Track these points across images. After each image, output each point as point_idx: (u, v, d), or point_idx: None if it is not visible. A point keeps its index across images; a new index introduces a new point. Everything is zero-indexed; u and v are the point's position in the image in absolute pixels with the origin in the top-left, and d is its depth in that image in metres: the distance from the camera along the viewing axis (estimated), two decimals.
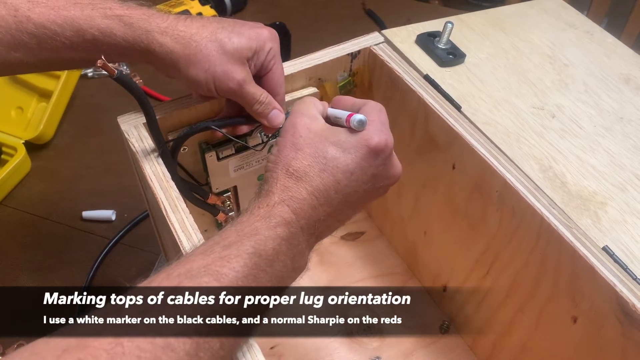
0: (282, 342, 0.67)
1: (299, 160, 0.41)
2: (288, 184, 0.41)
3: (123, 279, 0.75)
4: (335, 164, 0.41)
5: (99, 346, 0.31)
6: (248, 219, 0.40)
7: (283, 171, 0.41)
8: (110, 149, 0.90)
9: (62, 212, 0.82)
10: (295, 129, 0.43)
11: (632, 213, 0.49)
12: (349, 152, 0.42)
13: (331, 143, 0.42)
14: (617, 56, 0.66)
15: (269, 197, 0.41)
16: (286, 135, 0.43)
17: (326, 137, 0.42)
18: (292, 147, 0.42)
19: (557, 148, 0.54)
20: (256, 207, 0.40)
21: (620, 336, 0.44)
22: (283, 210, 0.40)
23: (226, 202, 0.61)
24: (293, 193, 0.41)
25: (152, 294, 0.34)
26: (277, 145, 0.43)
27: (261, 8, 1.20)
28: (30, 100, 0.92)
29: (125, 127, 0.52)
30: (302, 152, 0.42)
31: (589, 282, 0.45)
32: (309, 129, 0.43)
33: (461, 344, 0.67)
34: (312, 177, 0.41)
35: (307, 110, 0.45)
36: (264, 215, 0.39)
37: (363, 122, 0.42)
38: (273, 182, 0.41)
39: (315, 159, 0.41)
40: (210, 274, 0.35)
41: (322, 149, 0.42)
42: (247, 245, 0.37)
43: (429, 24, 0.66)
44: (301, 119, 0.43)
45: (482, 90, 0.59)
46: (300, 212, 0.40)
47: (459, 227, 0.60)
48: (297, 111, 0.45)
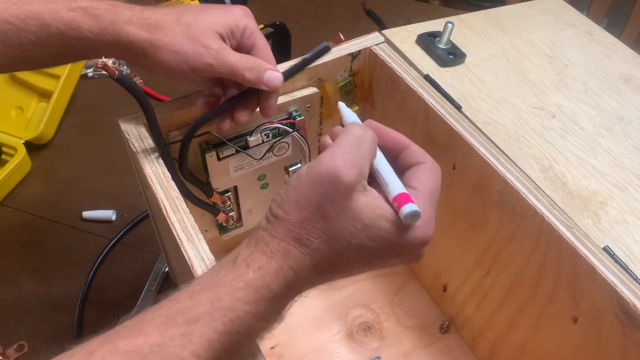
0: (282, 342, 0.67)
1: (318, 231, 0.33)
2: (293, 250, 0.33)
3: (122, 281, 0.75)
4: (359, 252, 0.34)
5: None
6: (231, 282, 0.32)
7: (294, 234, 0.33)
8: (110, 149, 0.90)
9: (62, 212, 0.82)
10: (334, 188, 0.33)
11: (632, 213, 0.49)
12: (381, 244, 0.33)
13: (365, 226, 0.33)
14: (617, 56, 0.66)
15: (266, 259, 0.33)
16: (317, 188, 0.33)
17: (361, 215, 0.33)
18: (317, 210, 0.33)
19: (558, 148, 0.54)
20: (244, 266, 0.33)
21: (621, 336, 0.44)
22: (275, 283, 0.33)
23: (227, 202, 0.61)
24: (294, 262, 0.33)
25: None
26: (298, 191, 0.34)
27: (261, 8, 1.20)
28: (30, 100, 0.92)
29: (126, 127, 0.52)
30: (326, 223, 0.33)
31: (589, 282, 0.45)
32: (349, 196, 0.33)
33: (461, 344, 0.67)
34: (326, 255, 0.33)
35: (361, 161, 0.34)
36: (250, 283, 0.32)
37: (416, 217, 0.33)
38: (276, 238, 0.33)
39: (338, 239, 0.33)
40: (164, 356, 0.29)
41: (352, 232, 0.33)
42: (219, 322, 0.31)
43: (429, 24, 0.66)
44: (349, 176, 0.33)
45: (482, 90, 0.59)
46: (295, 284, 0.34)
47: (460, 227, 0.60)
48: (347, 155, 0.34)
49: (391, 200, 0.34)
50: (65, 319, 0.70)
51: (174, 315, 0.31)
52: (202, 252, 0.44)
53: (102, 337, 0.31)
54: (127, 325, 0.31)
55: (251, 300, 0.32)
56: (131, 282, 0.74)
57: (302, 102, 0.59)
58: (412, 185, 0.36)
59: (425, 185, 0.36)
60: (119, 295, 0.73)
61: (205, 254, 0.43)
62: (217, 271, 0.34)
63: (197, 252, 0.43)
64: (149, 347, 0.29)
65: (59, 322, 0.70)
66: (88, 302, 0.72)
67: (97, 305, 0.72)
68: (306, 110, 0.60)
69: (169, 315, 0.31)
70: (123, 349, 0.29)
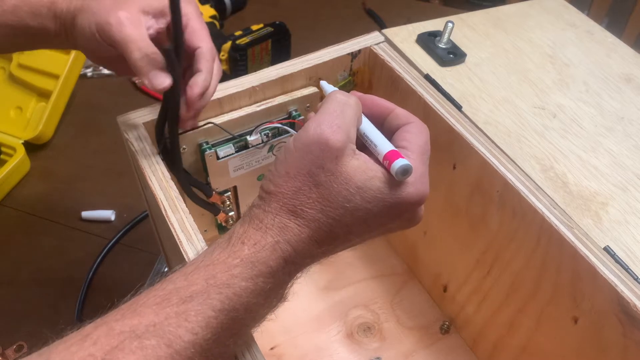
0: (282, 342, 0.66)
1: (312, 200, 0.33)
2: (289, 223, 0.33)
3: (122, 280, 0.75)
4: (355, 215, 0.33)
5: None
6: (226, 259, 0.32)
7: (288, 206, 0.33)
8: (110, 149, 0.90)
9: (61, 212, 0.82)
10: (322, 153, 0.32)
11: (633, 213, 0.49)
12: (376, 204, 0.33)
13: (358, 188, 0.33)
14: (618, 56, 0.66)
15: (261, 234, 0.33)
16: (306, 155, 0.33)
17: (354, 178, 0.33)
18: (308, 178, 0.33)
19: (558, 148, 0.54)
20: (239, 243, 0.32)
21: (621, 336, 0.44)
22: (272, 257, 0.32)
23: (226, 202, 0.61)
24: (292, 236, 0.33)
25: (81, 357, 0.28)
26: (288, 161, 0.34)
27: (261, 8, 1.20)
28: (29, 100, 0.92)
29: (125, 127, 0.51)
30: (319, 190, 0.33)
31: (590, 283, 0.45)
32: (338, 159, 0.33)
33: (462, 345, 0.67)
34: (323, 224, 0.33)
35: (347, 124, 0.34)
36: (246, 259, 0.32)
37: (408, 171, 0.33)
38: (270, 213, 0.33)
39: (333, 205, 0.33)
40: (160, 336, 0.29)
41: (346, 196, 0.33)
42: (215, 299, 0.30)
43: (429, 23, 0.66)
44: (336, 139, 0.33)
45: (482, 89, 0.59)
46: (293, 259, 0.33)
47: (460, 227, 0.59)
48: (333, 119, 0.33)
49: (382, 160, 0.34)
50: (64, 319, 0.70)
51: (169, 295, 0.31)
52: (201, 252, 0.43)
53: (97, 320, 0.30)
54: (121, 307, 0.31)
55: (248, 276, 0.31)
56: (130, 282, 0.74)
57: (302, 101, 0.59)
58: (402, 145, 0.36)
59: (414, 143, 0.36)
60: (118, 295, 0.73)
61: None
62: (211, 251, 0.33)
63: (196, 252, 0.43)
64: (144, 327, 0.29)
65: (59, 323, 0.70)
66: (88, 302, 0.72)
67: (96, 305, 0.72)
68: (306, 110, 0.60)
69: (163, 296, 0.31)
70: (118, 330, 0.29)
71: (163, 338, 0.29)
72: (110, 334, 0.29)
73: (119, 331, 0.29)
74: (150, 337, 0.29)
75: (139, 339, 0.29)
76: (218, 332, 0.31)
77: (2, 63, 0.93)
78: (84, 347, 0.28)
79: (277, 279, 0.33)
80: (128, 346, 0.28)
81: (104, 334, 0.29)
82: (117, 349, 0.28)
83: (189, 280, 0.31)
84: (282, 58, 0.54)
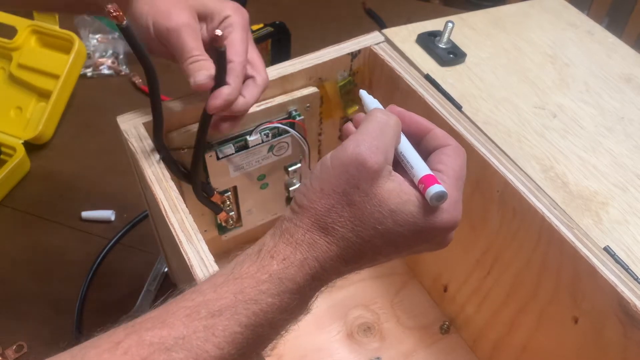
0: (282, 342, 0.66)
1: (344, 219, 0.33)
2: (319, 240, 0.33)
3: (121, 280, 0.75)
4: (385, 238, 0.33)
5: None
6: (255, 274, 0.32)
7: (319, 224, 0.33)
8: (110, 149, 0.90)
9: (61, 212, 0.82)
10: (359, 173, 0.32)
11: (633, 213, 0.49)
12: (407, 228, 0.33)
13: (391, 211, 0.33)
14: (618, 56, 0.66)
15: (291, 250, 0.33)
16: (342, 174, 0.33)
17: (388, 200, 0.33)
18: (342, 197, 0.33)
19: (559, 148, 0.54)
20: (269, 257, 0.33)
21: (622, 336, 0.44)
22: (300, 274, 0.32)
23: (226, 202, 0.61)
24: (320, 253, 0.33)
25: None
26: (323, 178, 0.33)
27: (261, 8, 1.20)
28: (29, 100, 0.91)
29: (125, 127, 0.51)
30: (351, 210, 0.33)
31: (590, 283, 0.45)
32: (374, 180, 0.33)
33: (462, 345, 0.67)
34: (352, 243, 0.33)
35: (386, 145, 0.34)
36: (274, 274, 0.32)
37: (443, 198, 0.33)
38: (301, 228, 0.33)
39: (364, 226, 0.33)
40: (187, 349, 0.29)
41: (378, 218, 0.33)
42: (242, 314, 0.31)
43: (429, 23, 0.66)
44: (374, 161, 0.32)
45: (482, 89, 0.59)
46: (320, 276, 0.33)
47: (460, 227, 0.59)
48: (372, 140, 0.33)
49: (417, 182, 0.34)
50: (64, 319, 0.70)
51: (198, 307, 0.31)
52: (201, 252, 0.43)
53: (128, 327, 0.31)
54: (152, 315, 0.31)
55: (275, 292, 0.32)
56: (130, 282, 0.74)
57: (302, 101, 0.59)
58: (438, 169, 0.35)
59: (450, 168, 0.35)
60: (118, 295, 0.73)
61: (205, 254, 0.43)
62: (240, 263, 0.33)
63: (196, 252, 0.43)
64: (173, 340, 0.30)
65: (59, 323, 0.70)
66: (87, 302, 0.72)
67: (96, 305, 0.72)
68: (306, 110, 0.60)
69: (192, 307, 0.31)
70: (149, 340, 0.30)
71: (191, 352, 0.30)
72: (141, 344, 0.29)
73: (149, 342, 0.29)
74: (178, 350, 0.29)
75: (168, 351, 0.29)
76: (243, 347, 0.31)
77: (2, 63, 0.93)
78: (116, 355, 0.29)
79: (302, 295, 0.33)
80: (157, 358, 0.29)
81: (135, 344, 0.29)
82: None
83: (217, 293, 0.32)
84: (282, 58, 0.53)
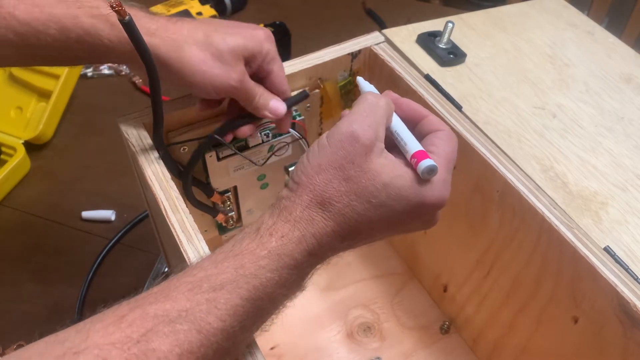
0: (282, 342, 0.67)
1: (340, 194, 0.35)
2: (317, 216, 0.35)
3: (122, 280, 0.75)
4: (379, 212, 0.35)
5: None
6: (254, 250, 0.34)
7: (318, 199, 0.35)
8: (110, 149, 0.90)
9: (61, 212, 0.82)
10: (353, 148, 0.35)
11: (633, 213, 0.49)
12: (399, 202, 0.35)
13: (384, 185, 0.35)
14: (618, 56, 0.66)
15: (289, 227, 0.34)
16: (339, 149, 0.35)
17: (381, 174, 0.35)
18: (339, 172, 0.35)
19: (558, 148, 0.54)
20: (267, 234, 0.34)
21: (621, 336, 0.44)
22: (298, 250, 0.34)
23: (226, 202, 0.61)
24: (317, 229, 0.35)
25: (119, 338, 0.30)
26: (321, 155, 0.36)
27: (261, 8, 1.20)
28: (29, 100, 0.91)
29: (125, 127, 0.51)
30: (347, 184, 0.35)
31: (590, 283, 0.45)
32: (367, 155, 0.35)
33: (462, 345, 0.67)
34: (348, 218, 0.35)
35: (376, 122, 0.36)
36: (273, 251, 0.34)
37: (433, 171, 0.35)
38: (299, 205, 0.35)
39: (360, 200, 0.35)
40: (191, 321, 0.31)
41: (372, 192, 0.35)
42: (243, 288, 0.32)
43: (429, 23, 0.66)
44: (366, 136, 0.35)
45: (482, 90, 0.59)
46: (317, 252, 0.35)
47: (460, 227, 0.59)
48: (364, 118, 0.36)
49: (409, 158, 0.36)
50: (65, 319, 0.70)
51: (200, 282, 0.32)
52: (201, 252, 0.43)
53: (132, 302, 0.32)
54: (154, 291, 0.33)
55: (274, 268, 0.33)
56: (131, 282, 0.74)
57: (302, 101, 0.59)
58: (430, 150, 0.37)
59: (442, 150, 0.38)
60: (118, 295, 0.72)
61: (205, 254, 0.43)
62: (240, 240, 0.35)
63: (196, 252, 0.43)
64: (176, 312, 0.31)
65: (59, 322, 0.70)
66: (88, 302, 0.72)
67: (96, 305, 0.72)
68: (306, 110, 0.60)
69: (194, 282, 0.32)
70: (152, 313, 0.31)
71: (194, 323, 0.31)
72: (145, 317, 0.31)
73: (153, 315, 0.31)
74: (182, 321, 0.31)
75: (172, 323, 0.31)
76: (244, 319, 0.33)
77: None
78: (121, 328, 0.30)
79: (300, 270, 0.35)
80: (162, 330, 0.30)
81: (139, 317, 0.31)
82: (152, 332, 0.30)
83: (218, 268, 0.33)
84: (282, 58, 0.53)
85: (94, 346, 0.29)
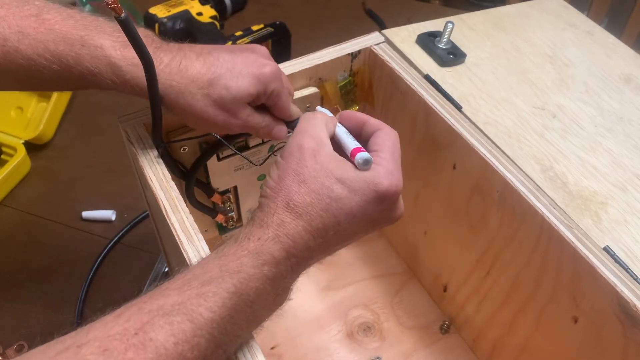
0: (282, 342, 0.67)
1: (301, 195, 0.39)
2: (286, 219, 0.38)
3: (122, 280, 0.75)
4: (339, 205, 0.39)
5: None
6: (235, 252, 0.37)
7: (283, 204, 0.39)
8: (110, 149, 0.90)
9: (62, 212, 0.82)
10: (301, 155, 0.40)
11: (633, 213, 0.49)
12: (355, 193, 0.39)
13: (338, 179, 0.39)
14: (618, 56, 0.66)
15: (263, 230, 0.38)
16: (290, 160, 0.40)
17: (332, 171, 0.39)
18: (295, 177, 0.39)
19: (558, 148, 0.54)
20: (246, 239, 0.38)
21: (621, 336, 0.44)
22: (275, 248, 0.37)
23: (227, 202, 0.61)
24: (289, 230, 0.38)
25: (118, 331, 0.32)
26: (279, 169, 0.40)
27: (261, 8, 1.20)
28: (30, 100, 0.92)
29: (125, 127, 0.51)
30: (306, 185, 0.39)
31: (589, 283, 0.45)
32: (315, 157, 0.40)
33: (462, 345, 0.67)
34: (314, 215, 0.38)
35: (316, 131, 0.41)
36: (252, 250, 0.37)
37: (368, 162, 0.40)
38: (270, 213, 0.39)
39: (319, 197, 0.38)
40: (184, 313, 0.34)
41: (328, 186, 0.39)
42: (229, 283, 0.35)
43: (429, 23, 0.66)
44: (309, 143, 0.40)
45: (482, 90, 0.59)
46: (294, 252, 0.38)
47: (460, 227, 0.59)
48: (305, 131, 0.41)
49: (350, 157, 0.41)
50: (65, 319, 0.70)
51: (189, 280, 0.36)
52: (201, 252, 0.44)
53: (127, 303, 0.35)
54: (148, 293, 0.36)
55: (255, 264, 0.37)
56: (131, 282, 0.74)
57: (302, 101, 0.59)
58: (374, 149, 0.42)
59: (383, 145, 0.42)
60: (118, 295, 0.73)
61: (205, 254, 0.43)
62: (222, 248, 0.39)
63: (196, 252, 0.43)
64: (170, 306, 0.34)
65: (59, 322, 0.70)
66: (88, 302, 0.72)
67: (97, 305, 0.72)
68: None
69: (184, 282, 0.36)
70: (148, 309, 0.34)
71: (187, 315, 0.34)
72: (141, 312, 0.33)
73: (148, 310, 0.34)
74: (176, 314, 0.33)
75: (167, 316, 0.33)
76: (232, 311, 0.35)
77: None
78: (119, 323, 0.33)
79: (280, 268, 0.38)
80: (157, 322, 0.33)
81: (135, 313, 0.33)
82: (148, 325, 0.33)
83: (204, 269, 0.37)
84: (282, 58, 0.54)
85: (95, 339, 0.32)
